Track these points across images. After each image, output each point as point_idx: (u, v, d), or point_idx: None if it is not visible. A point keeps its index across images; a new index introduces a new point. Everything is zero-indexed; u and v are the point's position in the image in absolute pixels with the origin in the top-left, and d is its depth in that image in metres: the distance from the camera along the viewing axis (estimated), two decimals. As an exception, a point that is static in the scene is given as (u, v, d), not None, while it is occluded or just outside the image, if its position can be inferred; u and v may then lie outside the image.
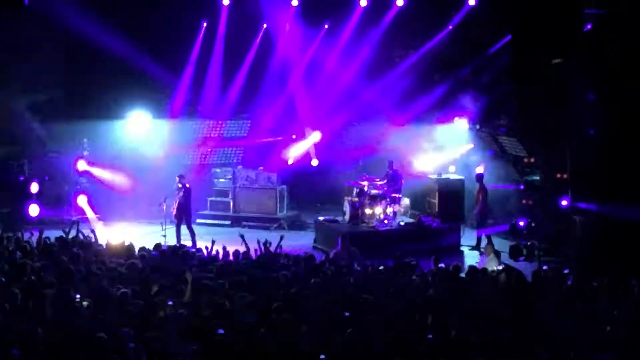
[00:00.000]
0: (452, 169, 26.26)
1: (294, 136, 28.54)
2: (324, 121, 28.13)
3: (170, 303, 13.22)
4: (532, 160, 24.31)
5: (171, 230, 22.98)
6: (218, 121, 28.50)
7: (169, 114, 27.87)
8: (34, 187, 26.10)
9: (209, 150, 28.58)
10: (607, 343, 12.19)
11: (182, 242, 21.86)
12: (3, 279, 14.37)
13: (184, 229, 23.19)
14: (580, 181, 21.93)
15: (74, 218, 22.46)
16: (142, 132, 27.25)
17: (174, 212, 23.30)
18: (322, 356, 11.35)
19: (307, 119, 28.37)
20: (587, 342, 12.00)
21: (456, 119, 26.88)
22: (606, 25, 21.56)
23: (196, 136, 28.38)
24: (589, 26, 21.84)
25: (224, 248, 17.60)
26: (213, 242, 17.76)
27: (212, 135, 28.57)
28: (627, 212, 20.01)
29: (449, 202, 24.60)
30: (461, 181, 25.03)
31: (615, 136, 20.82)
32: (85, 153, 26.16)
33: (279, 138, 28.59)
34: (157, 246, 18.11)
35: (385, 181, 24.44)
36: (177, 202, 23.29)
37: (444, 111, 27.06)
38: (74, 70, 27.22)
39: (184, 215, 23.33)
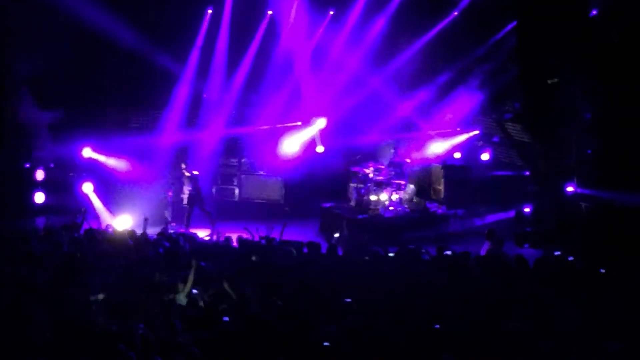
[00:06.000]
0: (457, 155, 26.19)
1: (299, 123, 28.48)
2: (330, 108, 28.05)
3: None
4: (538, 146, 24.27)
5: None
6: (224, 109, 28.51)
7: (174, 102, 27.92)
8: (40, 175, 26.12)
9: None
10: (614, 331, 12.20)
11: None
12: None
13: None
14: (586, 168, 21.97)
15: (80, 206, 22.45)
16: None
17: (185, 200, 23.36)
18: (326, 343, 11.37)
19: (313, 106, 28.29)
20: (594, 330, 11.99)
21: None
22: (612, 10, 21.55)
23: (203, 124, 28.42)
24: (594, 12, 21.79)
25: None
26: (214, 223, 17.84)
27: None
28: (632, 198, 20.02)
29: (455, 188, 24.55)
30: (467, 168, 24.95)
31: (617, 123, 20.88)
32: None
33: (285, 125, 28.52)
34: (162, 233, 18.15)
35: (390, 167, 24.42)
36: (187, 189, 23.34)
37: (450, 97, 26.99)
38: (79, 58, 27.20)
39: (196, 202, 23.39)
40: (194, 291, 13.27)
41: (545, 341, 11.61)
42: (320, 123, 27.88)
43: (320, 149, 27.81)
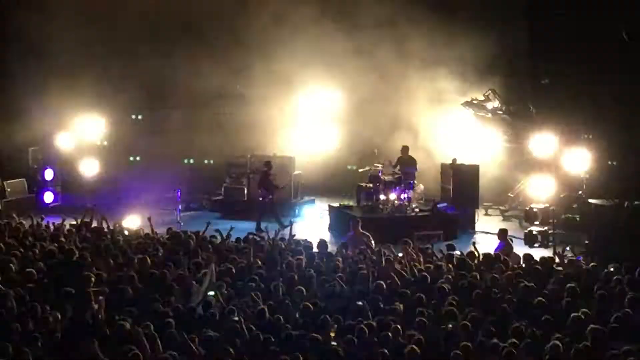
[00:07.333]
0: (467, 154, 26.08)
1: None
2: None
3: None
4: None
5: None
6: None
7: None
8: (49, 174, 26.19)
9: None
10: (622, 328, 12.16)
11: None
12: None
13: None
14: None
15: (89, 205, 22.41)
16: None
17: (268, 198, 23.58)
18: (334, 343, 11.36)
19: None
20: (602, 327, 11.95)
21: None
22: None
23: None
24: None
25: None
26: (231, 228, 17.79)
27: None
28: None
29: (464, 187, 24.46)
30: (476, 167, 24.85)
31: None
32: None
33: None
34: (170, 231, 18.14)
35: (399, 167, 24.37)
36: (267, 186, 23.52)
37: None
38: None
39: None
40: (211, 293, 13.23)
41: (553, 337, 11.61)
42: None
43: None
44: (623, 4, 24.29)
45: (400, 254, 16.16)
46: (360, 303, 13.05)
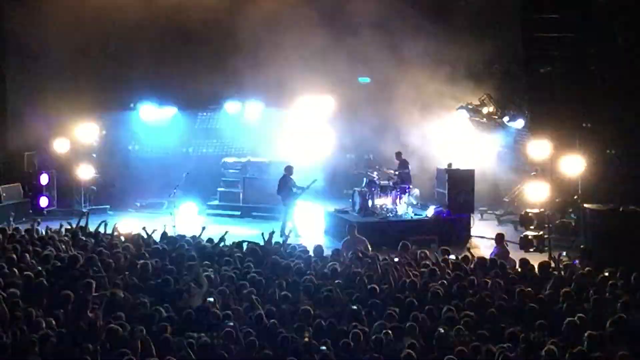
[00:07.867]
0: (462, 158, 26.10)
1: None
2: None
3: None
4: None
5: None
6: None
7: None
8: (44, 179, 26.17)
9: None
10: (617, 333, 12.16)
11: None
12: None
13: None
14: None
15: (85, 209, 22.42)
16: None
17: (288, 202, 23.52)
18: (323, 348, 11.35)
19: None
20: (598, 332, 11.96)
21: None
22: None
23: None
24: None
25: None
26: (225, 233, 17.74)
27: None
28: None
29: (459, 192, 24.44)
30: (471, 172, 24.84)
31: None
32: None
33: None
34: (165, 235, 18.12)
35: (395, 171, 24.38)
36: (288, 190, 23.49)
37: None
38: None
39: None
40: (210, 299, 13.22)
41: (548, 342, 11.62)
42: None
43: None
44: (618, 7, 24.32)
45: (396, 259, 16.15)
46: (355, 307, 13.06)
